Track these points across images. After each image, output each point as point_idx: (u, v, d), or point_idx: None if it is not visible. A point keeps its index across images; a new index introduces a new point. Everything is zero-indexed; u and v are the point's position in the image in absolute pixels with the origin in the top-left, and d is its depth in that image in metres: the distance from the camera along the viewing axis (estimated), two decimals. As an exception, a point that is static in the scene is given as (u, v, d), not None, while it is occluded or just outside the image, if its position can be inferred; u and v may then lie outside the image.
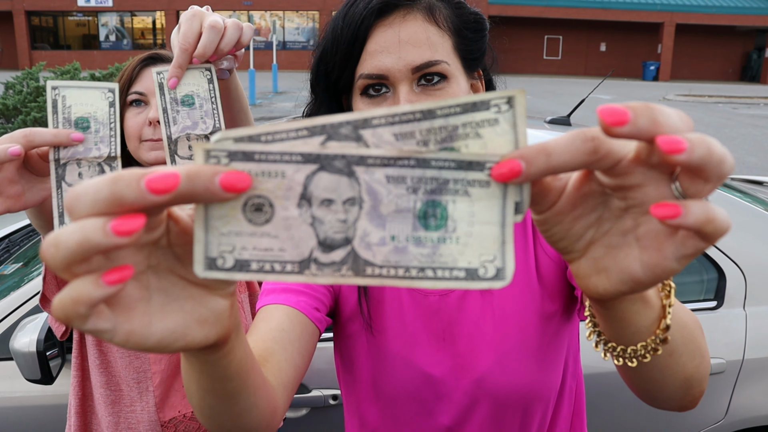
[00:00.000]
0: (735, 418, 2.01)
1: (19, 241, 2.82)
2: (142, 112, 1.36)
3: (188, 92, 0.89)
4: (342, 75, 0.89)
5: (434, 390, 0.95)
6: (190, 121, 0.89)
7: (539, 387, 0.93)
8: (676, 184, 0.41)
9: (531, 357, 0.93)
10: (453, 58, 0.88)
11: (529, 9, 31.49)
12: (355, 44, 0.86)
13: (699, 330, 0.65)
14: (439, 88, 0.86)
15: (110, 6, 31.45)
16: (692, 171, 0.39)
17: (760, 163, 10.00)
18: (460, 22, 0.89)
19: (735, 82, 32.92)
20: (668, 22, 31.52)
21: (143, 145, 1.36)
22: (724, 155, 0.38)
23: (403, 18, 0.86)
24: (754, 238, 2.08)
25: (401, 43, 0.85)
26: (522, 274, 0.94)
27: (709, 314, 2.02)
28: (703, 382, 0.66)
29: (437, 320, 0.95)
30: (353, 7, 0.87)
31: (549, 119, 2.84)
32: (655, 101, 16.97)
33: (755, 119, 16.24)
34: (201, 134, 0.89)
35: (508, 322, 0.93)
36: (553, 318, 0.94)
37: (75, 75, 6.47)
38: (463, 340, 0.94)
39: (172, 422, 1.44)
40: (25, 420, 1.91)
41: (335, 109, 0.95)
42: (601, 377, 1.96)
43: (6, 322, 1.93)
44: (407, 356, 0.95)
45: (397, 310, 0.97)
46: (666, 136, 0.38)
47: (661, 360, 0.59)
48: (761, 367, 1.99)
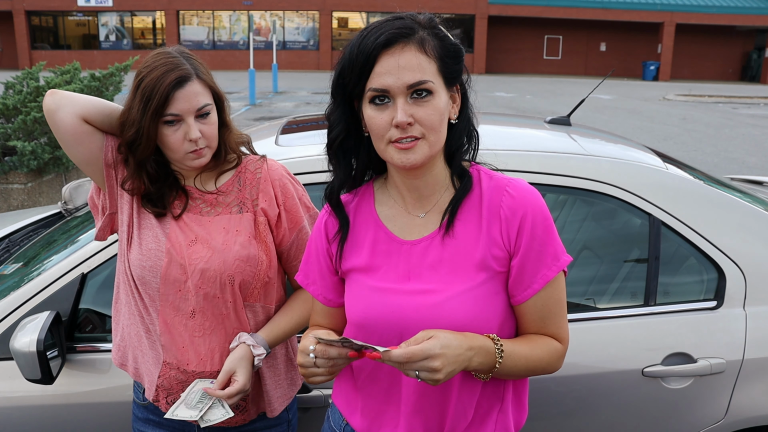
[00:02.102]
0: (735, 418, 2.01)
1: (19, 241, 2.82)
2: (178, 129, 1.53)
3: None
4: (356, 87, 1.24)
5: (396, 314, 1.28)
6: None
7: (476, 325, 1.25)
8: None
9: (472, 299, 1.25)
10: (437, 77, 1.23)
11: (529, 9, 31.48)
12: (366, 66, 1.21)
13: (540, 364, 1.30)
14: (426, 100, 1.21)
15: (110, 6, 31.44)
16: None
17: (760, 163, 10.00)
18: (443, 51, 1.24)
19: (735, 82, 32.91)
20: (668, 22, 31.52)
21: (187, 156, 1.56)
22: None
23: (402, 49, 1.20)
24: (754, 238, 2.08)
25: (399, 68, 1.20)
26: (473, 240, 1.28)
27: (709, 314, 2.02)
28: (546, 372, 1.33)
29: (405, 262, 1.31)
30: (365, 39, 1.21)
31: (549, 119, 2.84)
32: (655, 101, 16.91)
33: (755, 119, 16.24)
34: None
35: (457, 269, 1.28)
36: (494, 277, 1.28)
37: (75, 75, 6.46)
38: (423, 279, 1.29)
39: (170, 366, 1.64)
40: (25, 420, 1.91)
41: (348, 109, 1.29)
42: (601, 377, 1.96)
43: (6, 322, 1.93)
44: (380, 288, 1.31)
45: (375, 253, 1.35)
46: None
47: (500, 374, 1.27)
48: (761, 367, 1.99)
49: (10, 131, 5.74)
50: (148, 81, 1.50)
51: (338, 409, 1.45)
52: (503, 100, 18.72)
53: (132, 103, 1.53)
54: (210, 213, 1.63)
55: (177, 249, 1.58)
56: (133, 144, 1.55)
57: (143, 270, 1.59)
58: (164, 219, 1.63)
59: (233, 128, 1.69)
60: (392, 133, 1.21)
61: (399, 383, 1.33)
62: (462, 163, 1.32)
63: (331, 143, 1.32)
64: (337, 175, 1.35)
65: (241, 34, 32.25)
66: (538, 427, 1.96)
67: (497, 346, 1.23)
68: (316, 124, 2.70)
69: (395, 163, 1.24)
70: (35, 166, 5.77)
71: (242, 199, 1.64)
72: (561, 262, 1.28)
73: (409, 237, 1.32)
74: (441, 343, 1.15)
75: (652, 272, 2.04)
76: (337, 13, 32.40)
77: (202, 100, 1.54)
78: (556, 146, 2.34)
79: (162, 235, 1.60)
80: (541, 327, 1.32)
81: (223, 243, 1.59)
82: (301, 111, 15.57)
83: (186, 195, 1.64)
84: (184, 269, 1.57)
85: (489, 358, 1.22)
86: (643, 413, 1.99)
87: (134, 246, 1.62)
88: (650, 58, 32.65)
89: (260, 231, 1.63)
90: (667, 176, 2.17)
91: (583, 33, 33.31)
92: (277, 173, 1.67)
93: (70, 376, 1.91)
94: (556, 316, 1.31)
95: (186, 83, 1.52)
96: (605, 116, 15.37)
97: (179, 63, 1.53)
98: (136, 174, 1.59)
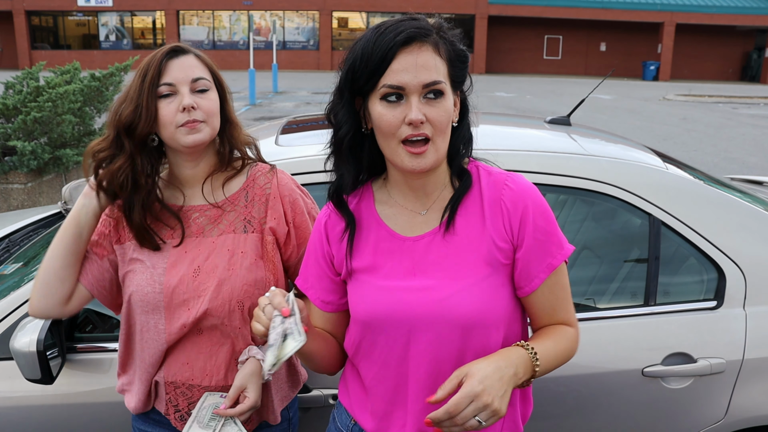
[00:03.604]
0: (735, 418, 2.01)
1: (19, 241, 2.82)
2: (173, 101, 1.48)
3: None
4: (367, 83, 1.22)
5: (403, 310, 1.28)
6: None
7: (482, 317, 1.26)
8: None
9: (478, 292, 1.26)
10: (447, 80, 1.24)
11: (529, 9, 31.47)
12: (383, 62, 1.20)
13: (565, 354, 1.33)
14: (438, 101, 1.22)
15: (110, 6, 31.44)
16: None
17: (760, 163, 10.00)
18: (453, 55, 1.26)
19: (735, 82, 32.91)
20: (668, 22, 31.51)
21: (180, 130, 1.48)
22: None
23: (419, 48, 1.21)
24: (754, 238, 2.08)
25: (417, 66, 1.20)
26: (476, 234, 1.29)
27: (709, 314, 2.02)
28: (568, 360, 1.36)
29: (409, 259, 1.31)
30: (383, 36, 1.20)
31: (549, 119, 2.84)
32: (655, 101, 16.88)
33: (755, 119, 16.24)
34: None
35: (461, 264, 1.28)
36: (499, 270, 1.29)
37: (75, 75, 6.46)
38: (428, 275, 1.29)
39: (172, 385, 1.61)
40: (25, 420, 1.91)
41: (351, 106, 1.28)
42: (601, 377, 1.96)
43: (6, 322, 1.93)
44: (385, 287, 1.30)
45: (378, 252, 1.34)
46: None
47: (537, 376, 1.27)
48: (761, 367, 1.99)
49: (10, 131, 5.74)
50: (145, 60, 1.51)
51: (346, 409, 1.44)
52: (503, 100, 18.72)
53: (130, 85, 1.51)
54: (212, 232, 1.57)
55: (181, 285, 1.53)
56: (131, 125, 1.48)
57: (145, 305, 1.54)
58: (163, 251, 1.55)
59: (239, 125, 1.62)
60: (403, 130, 1.21)
61: (406, 383, 1.33)
62: (461, 161, 1.33)
63: (340, 142, 1.30)
64: (347, 172, 1.33)
65: (241, 34, 32.25)
66: (539, 427, 1.96)
67: (529, 351, 1.24)
68: (316, 124, 2.70)
69: (405, 167, 1.24)
70: (35, 166, 5.77)
71: (248, 216, 1.58)
72: (565, 251, 1.31)
73: (411, 234, 1.33)
74: (478, 378, 1.14)
75: (652, 272, 2.04)
76: (337, 13, 32.40)
77: (197, 72, 1.51)
78: (556, 146, 2.34)
79: (162, 274, 1.53)
80: (552, 315, 1.34)
81: (228, 269, 1.53)
82: (301, 111, 15.57)
83: (180, 222, 1.56)
84: (187, 304, 1.52)
85: (527, 365, 1.24)
86: (643, 413, 1.99)
87: (133, 283, 1.56)
88: (650, 58, 32.65)
89: (267, 251, 1.57)
90: (667, 176, 2.17)
91: (583, 33, 33.31)
92: (287, 188, 1.61)
93: (70, 376, 1.90)
94: (564, 301, 1.35)
95: (181, 54, 1.51)
96: (605, 116, 15.37)
97: (178, 45, 1.53)
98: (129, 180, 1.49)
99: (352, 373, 1.43)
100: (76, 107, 6.03)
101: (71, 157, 5.96)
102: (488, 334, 1.28)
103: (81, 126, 6.31)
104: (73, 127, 6.07)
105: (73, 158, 6.00)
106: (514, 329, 1.34)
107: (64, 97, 5.77)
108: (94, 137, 6.37)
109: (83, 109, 6.22)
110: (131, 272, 1.57)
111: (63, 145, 6.08)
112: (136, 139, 1.49)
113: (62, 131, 5.86)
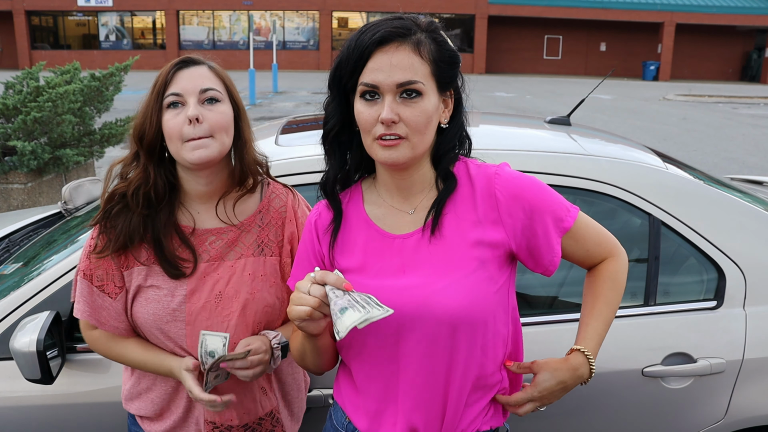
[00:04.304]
0: (735, 418, 2.01)
1: (19, 241, 2.82)
2: (180, 113, 1.42)
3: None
4: (350, 80, 1.26)
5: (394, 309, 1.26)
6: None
7: (469, 312, 1.27)
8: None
9: (467, 287, 1.27)
10: (429, 80, 1.25)
11: (529, 9, 31.46)
12: (360, 61, 1.23)
13: (616, 308, 1.46)
14: (414, 101, 1.24)
15: (110, 6, 31.43)
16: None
17: (760, 163, 10.00)
18: (438, 55, 1.26)
19: (735, 82, 32.90)
20: (668, 22, 31.50)
21: (186, 145, 1.41)
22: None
23: (396, 48, 1.23)
24: (754, 238, 2.08)
25: (391, 66, 1.22)
26: (466, 229, 1.30)
27: (709, 314, 2.02)
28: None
29: (398, 257, 1.32)
30: (363, 35, 1.24)
31: (549, 119, 2.84)
32: (655, 101, 16.88)
33: (755, 119, 16.24)
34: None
35: (449, 260, 1.29)
36: (488, 264, 1.30)
37: (75, 75, 6.46)
38: (416, 272, 1.30)
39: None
40: (25, 420, 1.91)
41: (344, 102, 1.31)
42: (601, 377, 1.96)
43: (6, 322, 1.93)
44: (374, 286, 1.29)
45: (368, 252, 1.35)
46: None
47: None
48: (761, 367, 1.99)
49: (10, 131, 5.74)
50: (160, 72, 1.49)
51: (341, 408, 1.46)
52: (503, 100, 18.72)
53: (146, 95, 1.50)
54: (230, 256, 1.53)
55: (203, 312, 1.50)
56: (141, 136, 1.45)
57: (161, 333, 1.52)
58: (181, 278, 1.50)
59: (252, 145, 1.55)
60: (378, 128, 1.24)
61: (396, 382, 1.33)
62: (449, 163, 1.34)
63: (326, 134, 1.34)
64: (332, 166, 1.37)
65: (241, 34, 32.25)
66: (539, 427, 1.96)
67: (587, 355, 1.39)
68: (316, 124, 2.70)
69: (379, 159, 1.27)
70: (35, 166, 5.77)
71: (264, 239, 1.56)
72: (573, 211, 1.36)
73: (399, 232, 1.34)
74: (539, 390, 1.38)
75: (652, 272, 2.04)
76: (337, 13, 32.39)
77: (207, 83, 1.45)
78: (556, 146, 2.34)
79: (182, 302, 1.50)
80: (592, 257, 1.42)
81: (252, 292, 1.52)
82: (301, 111, 15.56)
83: (192, 250, 1.51)
84: (211, 330, 1.50)
85: (585, 369, 1.40)
86: (643, 413, 1.99)
87: (148, 310, 1.52)
88: (650, 58, 32.64)
89: (286, 273, 1.57)
90: (667, 176, 2.17)
91: (583, 33, 33.30)
92: (301, 211, 1.61)
93: (70, 376, 1.91)
94: (598, 236, 1.41)
95: (192, 65, 1.47)
96: (605, 116, 15.37)
97: (190, 56, 1.50)
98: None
99: (344, 372, 1.45)
100: (76, 107, 6.02)
101: (71, 157, 5.96)
102: (476, 330, 1.29)
103: (81, 126, 6.30)
104: (73, 127, 6.07)
105: (73, 158, 5.99)
106: (504, 323, 1.36)
107: (64, 97, 5.76)
108: (94, 137, 6.38)
109: (83, 109, 6.21)
110: (144, 299, 1.52)
111: (63, 145, 6.07)
112: (146, 150, 1.46)
113: (62, 131, 5.86)
